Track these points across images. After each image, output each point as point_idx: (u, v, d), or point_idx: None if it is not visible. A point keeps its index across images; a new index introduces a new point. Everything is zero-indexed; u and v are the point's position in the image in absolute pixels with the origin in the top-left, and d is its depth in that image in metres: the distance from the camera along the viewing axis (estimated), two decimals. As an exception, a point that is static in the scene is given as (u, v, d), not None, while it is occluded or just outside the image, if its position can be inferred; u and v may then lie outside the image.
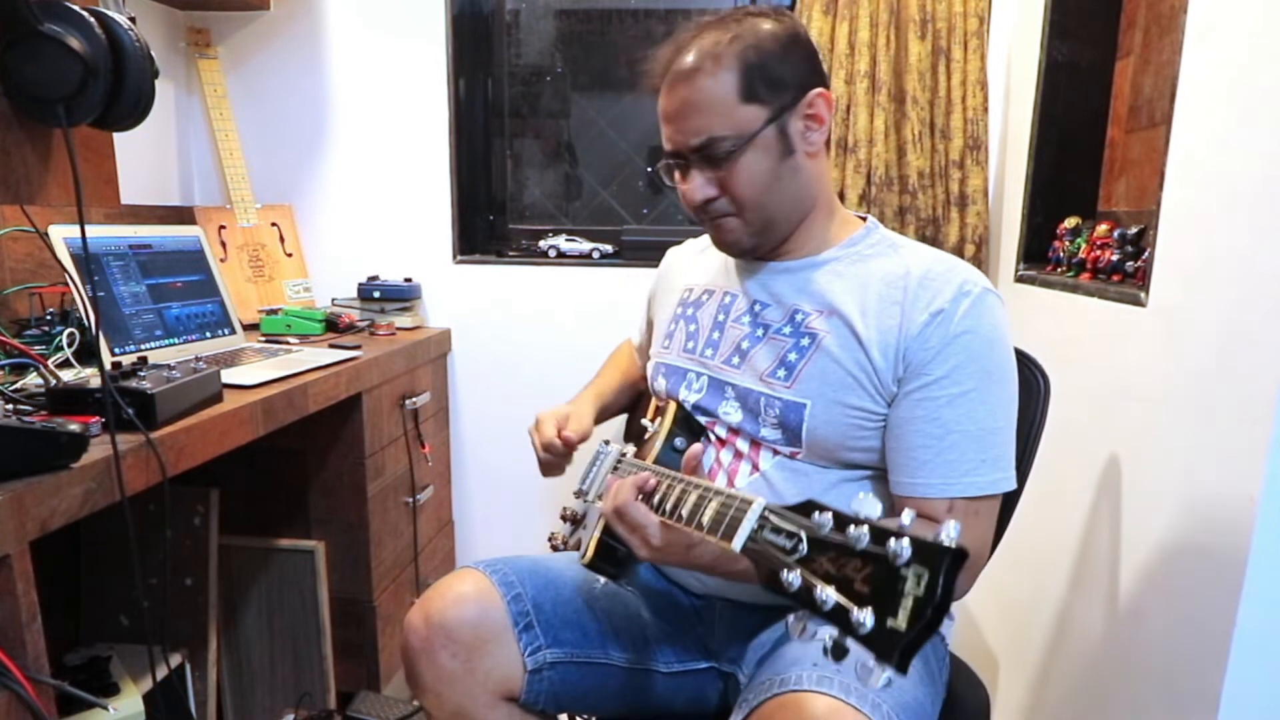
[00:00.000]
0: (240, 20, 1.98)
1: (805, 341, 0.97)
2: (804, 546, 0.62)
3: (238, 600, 1.64)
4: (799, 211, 1.01)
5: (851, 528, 0.58)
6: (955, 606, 0.99)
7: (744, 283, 1.07)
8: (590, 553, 0.98)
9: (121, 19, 1.37)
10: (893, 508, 0.94)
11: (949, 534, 0.54)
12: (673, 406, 1.06)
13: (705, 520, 0.75)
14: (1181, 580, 1.01)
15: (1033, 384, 1.09)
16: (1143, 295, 1.14)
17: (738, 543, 0.69)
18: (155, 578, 1.45)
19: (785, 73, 0.94)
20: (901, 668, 0.53)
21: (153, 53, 1.41)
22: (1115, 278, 1.30)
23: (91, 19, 1.32)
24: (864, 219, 1.05)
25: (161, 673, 1.35)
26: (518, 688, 1.00)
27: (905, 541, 0.54)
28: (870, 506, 0.59)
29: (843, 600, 0.57)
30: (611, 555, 0.98)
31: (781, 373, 0.97)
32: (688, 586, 1.09)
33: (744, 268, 1.08)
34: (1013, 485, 0.94)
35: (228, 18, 1.98)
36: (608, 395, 1.26)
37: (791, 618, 0.61)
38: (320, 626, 1.62)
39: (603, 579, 1.07)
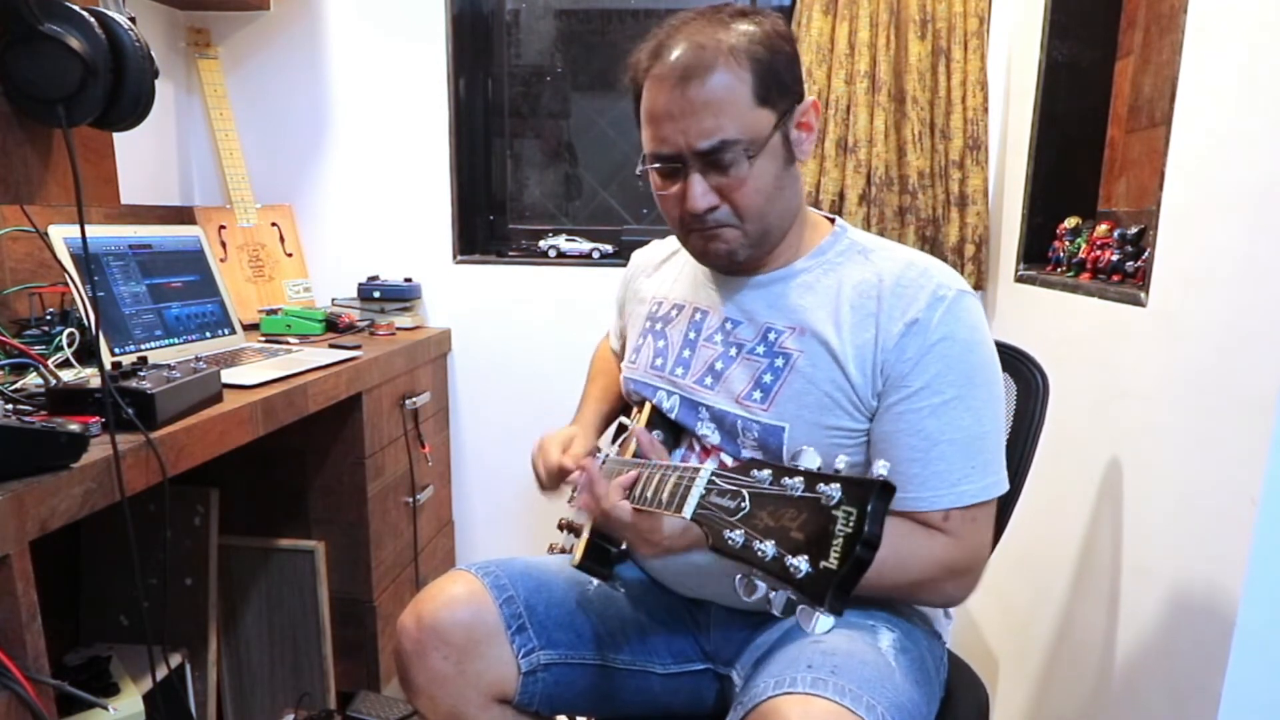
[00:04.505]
0: (240, 20, 1.99)
1: (779, 362, 0.95)
2: (746, 504, 0.62)
3: (238, 600, 1.64)
4: (789, 222, 0.98)
5: (787, 478, 0.59)
6: (955, 608, 0.99)
7: (715, 298, 1.04)
8: (580, 554, 0.98)
9: (121, 19, 1.37)
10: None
11: (878, 470, 0.55)
12: (649, 404, 1.05)
13: (664, 496, 0.75)
14: (1181, 580, 1.01)
15: (1031, 383, 1.09)
16: (1142, 295, 1.14)
17: (688, 510, 0.69)
18: (155, 578, 1.45)
19: (789, 76, 0.91)
20: (834, 608, 0.53)
21: (153, 53, 1.41)
22: (1115, 278, 1.30)
23: (91, 19, 1.32)
24: (832, 220, 1.03)
25: (161, 673, 1.35)
26: (511, 689, 1.00)
27: (835, 485, 0.55)
28: (809, 459, 0.60)
29: (779, 550, 0.57)
30: (602, 556, 0.98)
31: (757, 394, 0.95)
32: (682, 590, 1.09)
33: (715, 282, 1.04)
34: (1005, 488, 0.92)
35: (228, 18, 1.98)
36: (605, 407, 1.25)
37: (739, 577, 0.61)
38: (320, 626, 1.62)
39: (595, 581, 1.07)
